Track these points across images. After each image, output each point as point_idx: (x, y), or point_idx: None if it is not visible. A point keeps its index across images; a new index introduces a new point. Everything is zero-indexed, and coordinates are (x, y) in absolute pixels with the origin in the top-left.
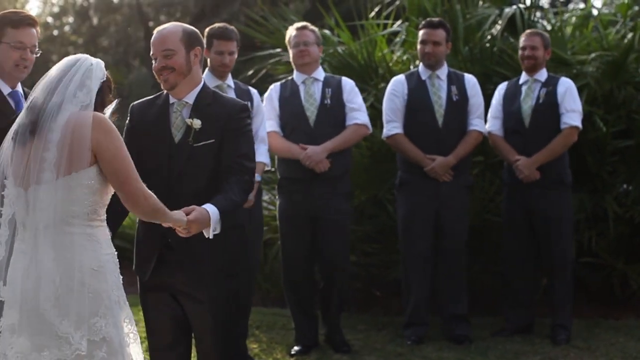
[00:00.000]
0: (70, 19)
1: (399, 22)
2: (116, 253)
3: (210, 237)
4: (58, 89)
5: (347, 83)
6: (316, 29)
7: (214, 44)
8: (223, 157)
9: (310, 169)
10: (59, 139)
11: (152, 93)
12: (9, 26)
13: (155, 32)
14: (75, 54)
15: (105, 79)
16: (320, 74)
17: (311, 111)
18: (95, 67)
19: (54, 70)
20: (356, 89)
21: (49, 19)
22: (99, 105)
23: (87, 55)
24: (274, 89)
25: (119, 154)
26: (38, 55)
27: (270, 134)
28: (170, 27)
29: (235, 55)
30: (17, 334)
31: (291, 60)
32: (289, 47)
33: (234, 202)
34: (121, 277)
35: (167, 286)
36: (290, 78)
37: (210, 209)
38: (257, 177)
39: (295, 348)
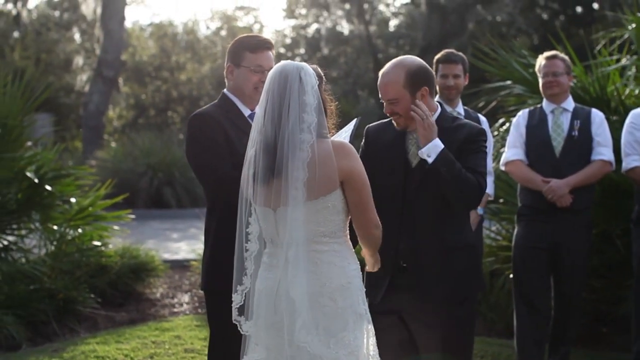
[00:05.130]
0: (302, 50)
1: (627, 56)
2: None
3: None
4: (282, 119)
5: (597, 116)
6: (567, 58)
7: (440, 69)
8: None
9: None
10: (304, 176)
11: None
12: (247, 51)
13: (380, 75)
14: None
15: (318, 82)
16: (569, 104)
17: (557, 142)
18: (304, 77)
19: (270, 96)
20: (605, 123)
21: (282, 50)
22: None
23: (289, 64)
24: (522, 115)
25: (364, 181)
26: None
27: (515, 162)
28: (392, 74)
29: (462, 80)
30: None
31: (540, 89)
32: (538, 76)
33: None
34: None
35: (397, 309)
36: (539, 106)
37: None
38: (480, 210)
39: None
